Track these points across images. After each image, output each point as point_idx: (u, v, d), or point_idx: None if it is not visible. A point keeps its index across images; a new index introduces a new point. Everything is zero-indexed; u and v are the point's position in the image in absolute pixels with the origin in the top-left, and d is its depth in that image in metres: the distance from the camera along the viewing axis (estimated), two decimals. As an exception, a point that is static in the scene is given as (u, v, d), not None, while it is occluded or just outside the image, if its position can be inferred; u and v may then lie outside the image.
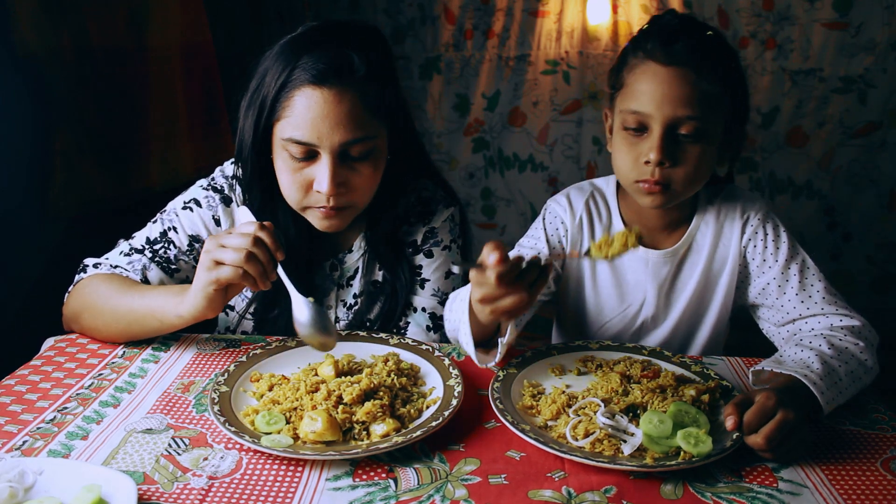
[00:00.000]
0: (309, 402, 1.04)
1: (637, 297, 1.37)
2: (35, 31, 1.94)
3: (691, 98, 1.16)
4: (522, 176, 3.75)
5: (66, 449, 0.98)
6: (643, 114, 1.18)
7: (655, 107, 1.17)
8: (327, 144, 1.19)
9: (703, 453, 0.93)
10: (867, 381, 1.13)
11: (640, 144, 1.20)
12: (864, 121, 3.24)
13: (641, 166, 1.20)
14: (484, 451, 0.99)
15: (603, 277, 1.38)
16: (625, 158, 1.23)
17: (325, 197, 1.21)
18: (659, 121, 1.17)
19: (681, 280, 1.35)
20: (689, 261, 1.34)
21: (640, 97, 1.19)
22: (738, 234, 1.32)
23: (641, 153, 1.20)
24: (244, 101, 1.27)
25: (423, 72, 3.73)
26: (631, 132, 1.21)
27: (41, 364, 1.22)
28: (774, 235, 1.31)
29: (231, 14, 3.13)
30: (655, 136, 1.18)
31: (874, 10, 3.10)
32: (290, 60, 1.19)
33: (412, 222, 1.42)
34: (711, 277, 1.34)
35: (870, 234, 3.36)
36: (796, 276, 1.27)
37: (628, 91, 1.22)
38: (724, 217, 1.33)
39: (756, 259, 1.31)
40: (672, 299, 1.36)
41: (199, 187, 1.40)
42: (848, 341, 1.15)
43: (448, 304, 1.29)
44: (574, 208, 1.38)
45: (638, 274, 1.36)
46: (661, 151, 1.17)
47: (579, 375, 1.19)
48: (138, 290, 1.25)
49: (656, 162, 1.18)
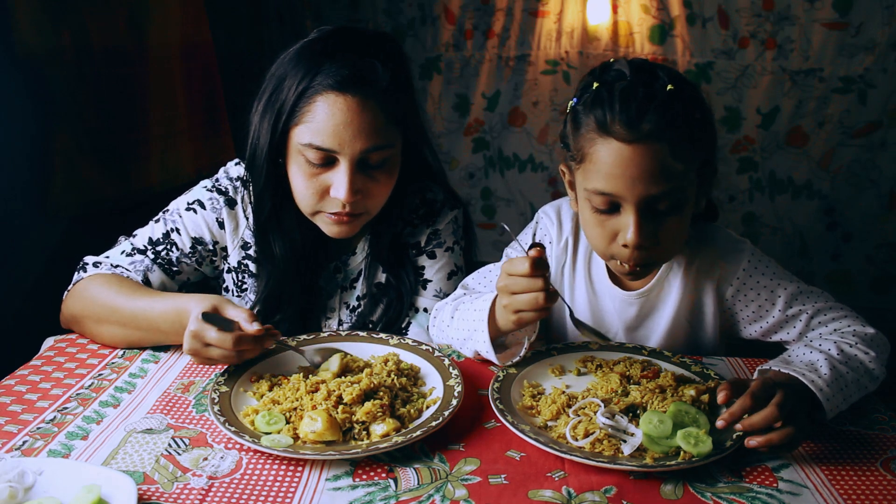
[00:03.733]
0: (309, 402, 1.03)
1: (612, 329, 1.33)
2: (35, 31, 1.94)
3: (665, 173, 1.05)
4: (522, 176, 3.75)
5: (66, 449, 0.98)
6: (614, 195, 1.07)
7: (626, 188, 1.05)
8: (348, 152, 1.19)
9: (703, 453, 0.93)
10: (871, 388, 1.10)
11: (613, 222, 1.10)
12: (864, 121, 3.24)
13: (617, 246, 1.11)
14: (484, 451, 0.99)
15: (580, 302, 1.34)
16: (597, 237, 1.14)
17: (342, 203, 1.21)
18: (632, 202, 1.06)
19: (650, 322, 1.30)
20: (658, 305, 1.28)
21: (608, 179, 1.06)
22: (714, 287, 1.25)
23: (616, 232, 1.11)
24: (257, 105, 1.26)
25: (423, 72, 3.74)
26: (601, 212, 1.11)
27: (41, 364, 1.22)
28: (766, 280, 1.22)
29: (231, 14, 3.13)
30: (631, 219, 1.07)
31: (874, 10, 3.10)
32: (311, 65, 1.19)
33: (416, 224, 1.42)
34: (685, 324, 1.28)
35: (870, 234, 3.36)
36: (793, 307, 1.22)
37: (591, 168, 1.09)
38: (699, 267, 1.24)
39: (749, 307, 1.25)
40: (641, 339, 1.31)
41: (203, 188, 1.39)
42: (858, 349, 1.11)
43: (441, 316, 1.29)
44: (562, 229, 1.33)
45: (612, 303, 1.31)
46: (638, 235, 1.07)
47: (579, 376, 1.19)
48: (139, 298, 1.23)
49: (634, 245, 1.08)
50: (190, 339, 1.08)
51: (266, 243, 1.34)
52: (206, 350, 1.09)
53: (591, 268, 1.33)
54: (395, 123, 1.23)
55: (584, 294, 1.34)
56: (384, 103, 1.20)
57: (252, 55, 3.30)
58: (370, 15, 3.73)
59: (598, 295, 1.33)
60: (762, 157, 3.42)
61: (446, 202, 1.44)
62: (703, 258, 1.25)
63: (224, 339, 1.07)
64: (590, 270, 1.33)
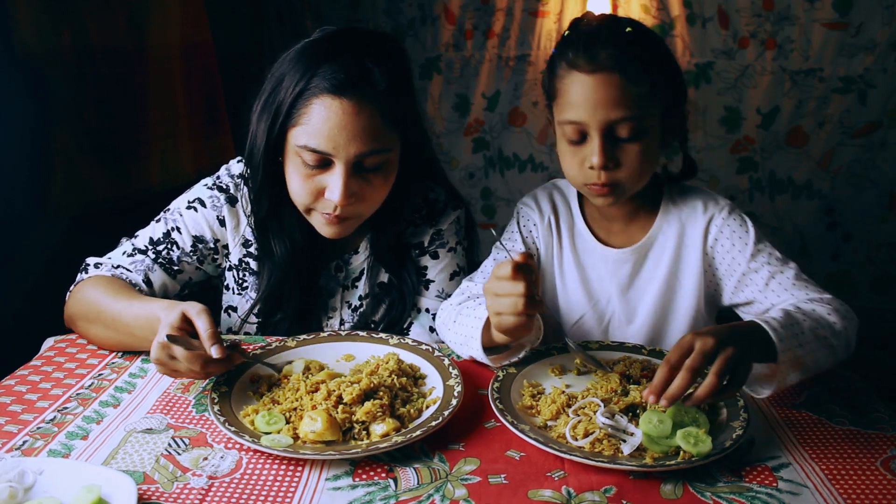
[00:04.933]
0: (309, 402, 1.04)
1: (603, 295, 1.37)
2: (35, 31, 1.95)
3: (622, 100, 1.17)
4: (522, 176, 3.75)
5: (66, 449, 0.98)
6: (579, 123, 1.20)
7: (589, 115, 1.18)
8: (343, 155, 1.18)
9: (703, 453, 0.93)
10: (836, 344, 1.11)
11: (583, 151, 1.22)
12: (864, 121, 3.24)
13: (587, 171, 1.22)
14: (484, 450, 0.99)
15: (570, 277, 1.39)
16: (570, 165, 1.25)
17: (336, 206, 1.21)
18: (595, 127, 1.19)
19: (642, 278, 1.35)
20: (650, 259, 1.34)
21: (574, 107, 1.20)
22: (700, 234, 1.31)
23: (585, 159, 1.22)
24: (257, 104, 1.26)
25: (423, 72, 3.73)
26: (572, 140, 1.23)
27: (41, 364, 1.22)
28: (742, 232, 1.29)
29: (231, 14, 3.13)
30: (595, 143, 1.19)
31: (874, 10, 3.10)
32: (309, 67, 1.19)
33: (418, 224, 1.42)
34: (676, 277, 1.33)
35: (870, 234, 3.35)
36: (765, 266, 1.27)
37: (562, 101, 1.23)
38: (687, 217, 1.33)
39: (725, 259, 1.30)
40: (635, 297, 1.36)
41: (204, 186, 1.39)
42: (815, 305, 1.16)
43: (444, 318, 1.29)
44: (542, 210, 1.40)
45: (600, 271, 1.37)
46: (602, 156, 1.19)
47: (579, 375, 1.19)
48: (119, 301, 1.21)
49: (599, 166, 1.20)
50: (157, 349, 1.06)
51: (266, 241, 1.34)
52: (172, 363, 1.07)
53: (576, 240, 1.38)
54: (393, 127, 1.23)
55: (572, 268, 1.38)
56: (381, 107, 1.19)
57: (252, 55, 3.30)
58: (370, 15, 3.73)
59: (586, 266, 1.38)
60: (762, 157, 3.42)
61: (449, 202, 1.44)
62: (689, 211, 1.33)
63: (190, 359, 1.06)
64: (575, 243, 1.38)
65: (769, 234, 3.52)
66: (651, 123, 1.21)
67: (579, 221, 1.38)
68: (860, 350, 1.17)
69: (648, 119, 1.20)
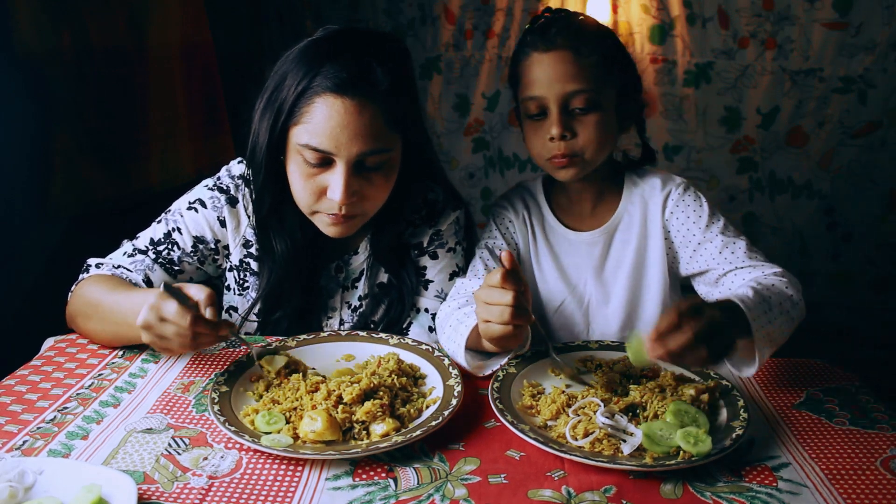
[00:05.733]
0: (309, 401, 1.04)
1: (580, 279, 1.43)
2: (35, 31, 1.95)
3: (575, 74, 1.28)
4: (522, 176, 3.75)
5: (67, 449, 0.98)
6: (538, 98, 1.30)
7: (546, 89, 1.29)
8: (344, 154, 1.19)
9: (703, 453, 0.93)
10: (795, 316, 1.17)
11: (543, 126, 1.32)
12: (864, 121, 3.24)
13: (548, 144, 1.31)
14: (484, 450, 0.99)
15: (547, 266, 1.45)
16: (533, 141, 1.35)
17: (338, 205, 1.21)
18: (552, 100, 1.29)
19: (613, 258, 1.42)
20: (618, 239, 1.42)
21: (533, 84, 1.31)
22: (659, 209, 1.39)
23: (545, 133, 1.31)
24: (259, 102, 1.26)
25: (423, 72, 3.73)
26: (533, 119, 1.33)
27: (41, 364, 1.22)
28: (696, 206, 1.37)
29: (231, 14, 3.13)
30: (553, 115, 1.30)
31: (874, 10, 3.09)
32: (312, 66, 1.19)
33: (418, 224, 1.42)
34: (644, 254, 1.41)
35: (870, 234, 3.35)
36: (718, 236, 1.34)
37: (524, 82, 1.33)
38: (648, 195, 1.41)
39: (681, 231, 1.38)
40: (610, 277, 1.42)
41: (205, 187, 1.39)
42: (773, 280, 1.22)
43: (441, 321, 1.29)
44: (516, 209, 1.47)
45: (574, 257, 1.43)
46: (560, 125, 1.29)
47: (579, 375, 1.19)
48: (116, 293, 1.21)
49: (559, 136, 1.29)
50: (147, 311, 1.04)
51: (267, 240, 1.34)
52: (162, 326, 1.05)
53: (548, 232, 1.45)
54: (395, 126, 1.23)
55: (548, 258, 1.44)
56: (383, 106, 1.19)
57: (252, 55, 3.30)
58: (370, 15, 3.73)
59: (560, 254, 1.44)
60: (762, 157, 3.42)
61: (448, 203, 1.44)
62: (650, 189, 1.42)
63: (182, 315, 1.03)
64: (546, 235, 1.45)
65: (769, 234, 3.55)
66: (605, 99, 1.31)
67: (548, 214, 1.45)
68: (860, 350, 1.17)
69: (602, 94, 1.31)
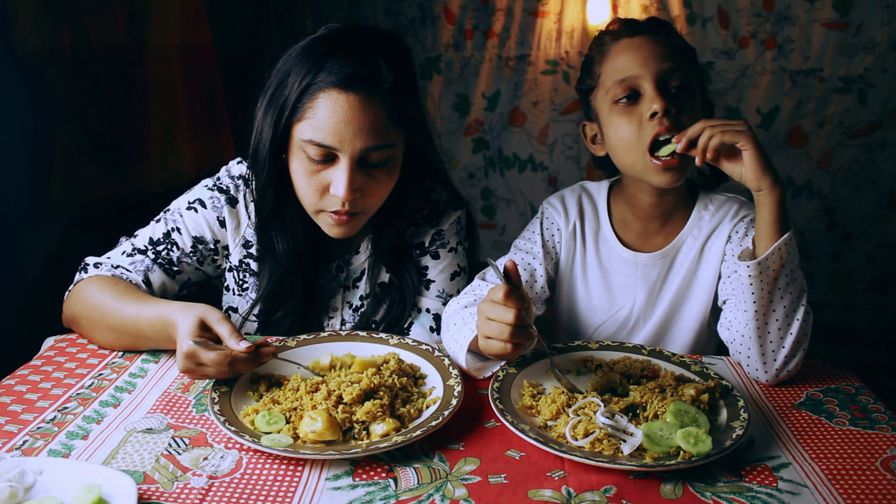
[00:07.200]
0: (309, 401, 1.04)
1: (627, 300, 1.38)
2: (35, 31, 1.94)
3: (668, 54, 1.25)
4: (522, 176, 3.75)
5: (67, 449, 0.98)
6: (632, 77, 1.24)
7: (641, 66, 1.24)
8: (348, 150, 1.19)
9: (703, 453, 0.93)
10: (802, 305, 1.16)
11: (639, 108, 1.24)
12: (864, 121, 3.24)
13: (647, 127, 1.23)
14: (484, 450, 0.99)
15: (594, 282, 1.40)
16: (627, 130, 1.26)
17: (341, 201, 1.21)
18: (649, 78, 1.23)
19: (668, 281, 1.38)
20: (678, 262, 1.37)
21: (625, 66, 1.25)
22: (725, 236, 1.34)
23: (642, 115, 1.24)
24: (262, 99, 1.26)
25: (423, 72, 3.73)
26: (624, 103, 1.26)
27: (41, 364, 1.22)
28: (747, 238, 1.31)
29: (231, 14, 3.13)
30: (651, 91, 1.23)
31: (874, 10, 3.10)
32: (315, 62, 1.19)
33: (419, 224, 1.42)
34: (693, 275, 1.36)
35: (870, 234, 3.35)
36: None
37: (610, 70, 1.28)
38: (719, 220, 1.35)
39: (730, 259, 1.32)
40: (657, 298, 1.38)
41: (205, 187, 1.39)
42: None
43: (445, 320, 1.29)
44: (569, 214, 1.41)
45: (627, 277, 1.38)
46: (662, 100, 1.21)
47: (579, 375, 1.19)
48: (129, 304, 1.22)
49: (662, 109, 1.21)
50: (184, 360, 1.08)
51: (268, 239, 1.34)
52: (202, 369, 1.08)
53: (600, 246, 1.39)
54: (398, 123, 1.23)
55: (596, 273, 1.39)
56: (387, 103, 1.20)
57: (252, 55, 3.29)
58: (370, 15, 3.73)
59: (610, 271, 1.39)
60: (762, 157, 3.42)
61: (450, 202, 1.44)
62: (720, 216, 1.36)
63: (218, 360, 1.06)
64: (599, 249, 1.39)
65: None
66: (694, 83, 1.27)
67: (606, 226, 1.39)
68: (860, 350, 1.17)
69: (692, 76, 1.27)
